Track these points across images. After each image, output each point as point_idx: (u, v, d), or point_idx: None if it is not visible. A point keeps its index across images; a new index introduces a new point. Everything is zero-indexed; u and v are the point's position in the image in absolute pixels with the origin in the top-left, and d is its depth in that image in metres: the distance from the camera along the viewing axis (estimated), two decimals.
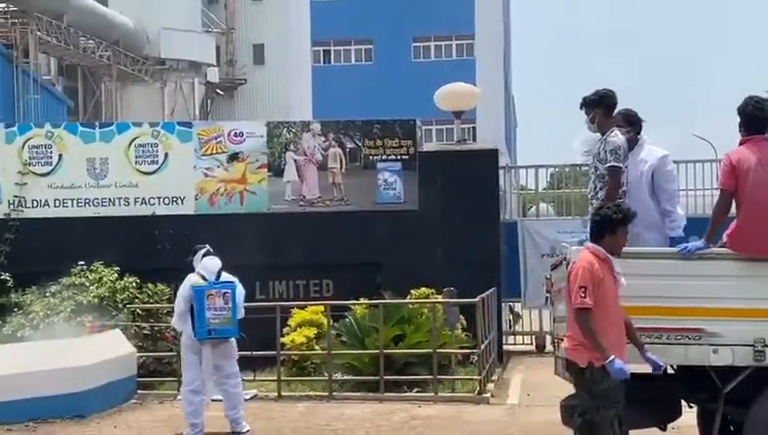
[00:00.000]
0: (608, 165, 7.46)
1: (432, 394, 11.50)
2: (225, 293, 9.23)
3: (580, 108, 7.74)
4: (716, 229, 6.74)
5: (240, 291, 9.49)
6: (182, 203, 14.35)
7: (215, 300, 9.23)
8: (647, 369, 7.12)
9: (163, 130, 14.65)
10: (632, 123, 7.83)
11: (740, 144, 6.82)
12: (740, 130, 6.90)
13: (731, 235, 6.70)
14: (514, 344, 16.30)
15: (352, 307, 12.70)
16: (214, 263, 9.49)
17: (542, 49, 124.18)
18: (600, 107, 7.62)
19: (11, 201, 14.28)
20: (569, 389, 7.28)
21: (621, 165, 7.47)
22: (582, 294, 6.04)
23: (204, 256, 9.55)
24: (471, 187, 14.35)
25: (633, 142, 7.81)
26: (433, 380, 11.62)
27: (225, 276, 9.48)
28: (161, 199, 14.35)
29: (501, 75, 48.62)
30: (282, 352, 12.10)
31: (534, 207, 18.53)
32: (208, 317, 9.22)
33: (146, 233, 14.16)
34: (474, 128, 44.58)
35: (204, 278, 9.37)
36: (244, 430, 9.50)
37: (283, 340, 12.27)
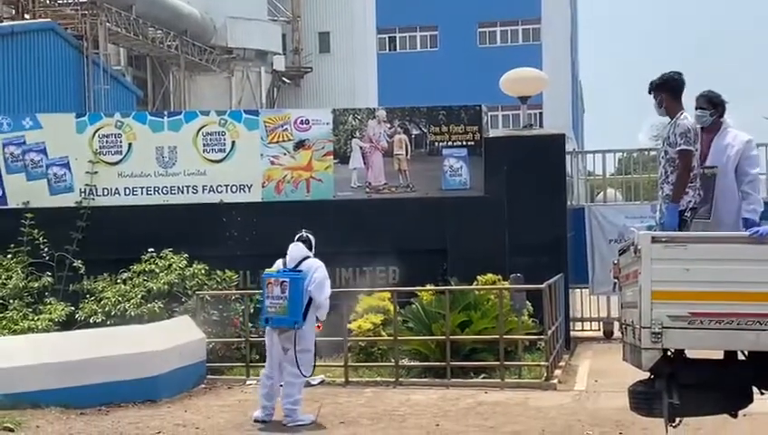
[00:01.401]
0: (678, 148, 7.31)
1: (499, 380, 11.47)
2: (282, 282, 9.22)
3: (648, 92, 7.61)
4: None
5: (315, 280, 9.33)
6: (249, 191, 14.48)
7: (273, 289, 9.27)
8: (717, 355, 7.02)
9: (230, 118, 14.79)
10: (715, 105, 7.64)
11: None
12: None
13: None
14: (582, 330, 16.15)
15: (419, 293, 12.70)
16: (295, 250, 9.54)
17: (609, 33, 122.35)
18: (666, 90, 7.47)
19: (82, 190, 14.57)
20: (637, 375, 7.20)
21: (692, 148, 7.33)
22: None
23: (296, 241, 9.62)
24: (537, 172, 14.23)
25: (717, 126, 7.64)
26: (500, 366, 11.58)
27: (307, 264, 9.42)
28: (229, 187, 14.50)
29: (568, 60, 48.01)
30: (349, 339, 12.16)
31: (602, 192, 18.29)
32: (267, 305, 9.34)
33: (214, 220, 14.34)
34: (540, 113, 44.15)
35: (284, 265, 9.45)
36: (298, 422, 9.45)
37: (350, 326, 12.33)
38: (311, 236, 9.74)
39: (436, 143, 14.53)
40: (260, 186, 14.50)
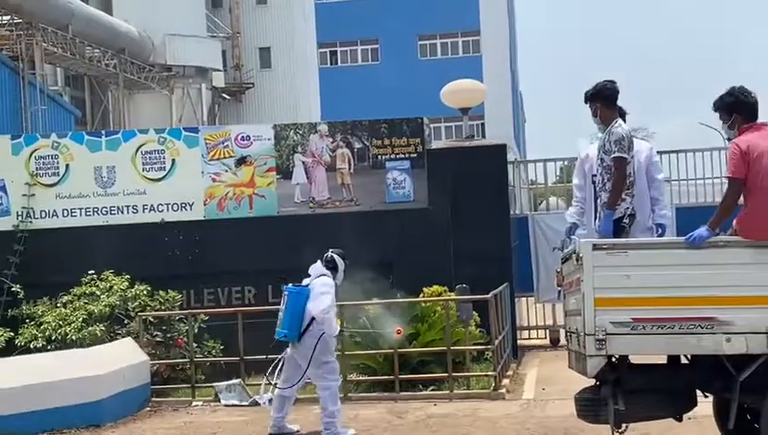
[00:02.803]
0: (613, 156, 7.42)
1: (447, 392, 11.47)
2: (284, 295, 9.36)
3: (584, 102, 7.71)
4: (724, 218, 6.67)
5: (316, 295, 9.27)
6: (191, 209, 14.32)
7: (281, 303, 9.44)
8: (661, 359, 7.08)
9: (169, 136, 14.63)
10: (620, 115, 7.80)
11: (741, 132, 6.76)
12: (725, 121, 6.88)
13: (742, 223, 6.63)
14: (529, 339, 16.23)
15: (365, 307, 12.64)
16: (313, 267, 9.56)
17: (547, 43, 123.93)
18: (600, 100, 7.60)
19: (19, 213, 14.28)
20: (583, 382, 7.24)
21: (627, 155, 7.43)
22: None
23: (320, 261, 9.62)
24: (480, 183, 14.28)
25: None
26: (448, 377, 11.58)
27: (319, 281, 9.40)
28: (170, 206, 14.32)
29: (508, 71, 48.52)
30: None
31: (545, 201, 18.43)
32: (278, 318, 9.49)
33: (155, 240, 14.15)
34: (483, 124, 44.54)
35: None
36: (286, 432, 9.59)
37: None
38: (336, 257, 9.68)
39: (379, 156, 14.52)
40: (202, 204, 14.34)
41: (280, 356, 9.68)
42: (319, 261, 9.64)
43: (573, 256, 7.07)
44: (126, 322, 12.84)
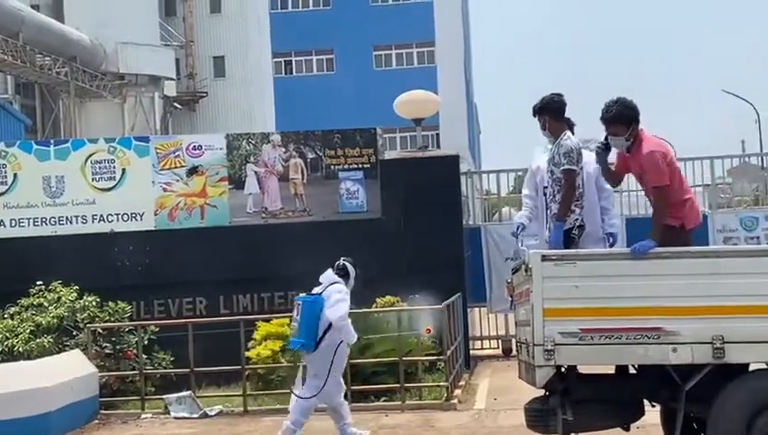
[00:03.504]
0: (563, 168, 7.47)
1: (399, 402, 11.45)
2: (298, 304, 9.34)
3: (533, 115, 7.77)
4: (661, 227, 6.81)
5: (333, 301, 9.19)
6: (141, 219, 14.18)
7: (294, 311, 9.45)
8: (609, 369, 7.13)
9: (120, 145, 14.48)
10: (570, 128, 7.87)
11: (640, 139, 6.94)
12: (621, 133, 7.03)
13: (688, 217, 6.84)
14: (481, 349, 16.28)
15: None
16: (325, 275, 9.51)
17: (502, 55, 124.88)
18: (548, 112, 7.66)
19: None
20: (534, 392, 7.27)
21: (576, 167, 7.49)
22: None
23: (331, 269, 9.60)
24: (433, 193, 14.32)
25: None
26: (400, 388, 11.56)
27: (329, 290, 9.34)
28: (120, 216, 14.17)
29: (462, 82, 48.75)
30: (247, 367, 11.98)
31: (498, 211, 18.51)
32: (290, 327, 9.55)
33: (105, 250, 13.99)
34: (437, 135, 44.65)
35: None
36: None
37: (248, 354, 12.15)
38: (348, 264, 9.66)
39: (332, 166, 14.50)
40: (152, 214, 14.21)
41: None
42: (330, 269, 9.58)
43: (523, 266, 7.11)
44: (74, 333, 12.65)
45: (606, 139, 7.09)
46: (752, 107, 47.41)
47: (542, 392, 7.15)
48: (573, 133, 7.85)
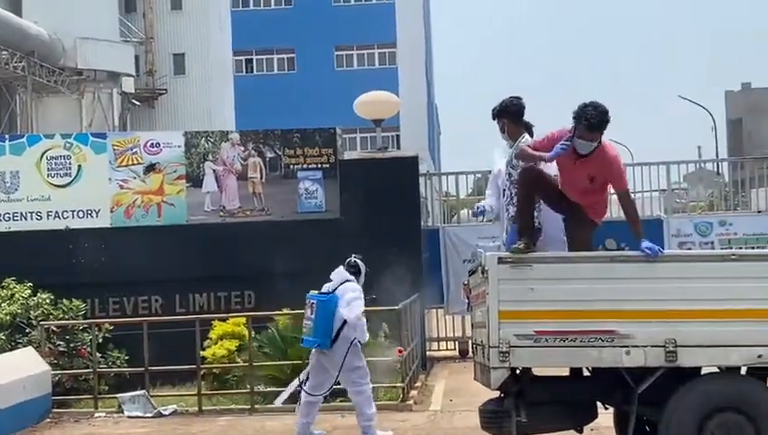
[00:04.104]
0: (519, 171, 7.49)
1: None
2: (312, 303, 9.27)
3: (492, 119, 7.80)
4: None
5: (349, 300, 9.18)
6: (97, 216, 14.04)
7: (307, 310, 9.38)
8: (563, 372, 7.19)
9: (76, 141, 14.33)
10: (528, 130, 7.90)
11: (603, 144, 6.97)
12: (595, 139, 6.91)
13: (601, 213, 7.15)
14: (438, 350, 16.32)
15: (274, 318, 12.56)
16: (336, 273, 9.49)
17: (462, 57, 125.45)
18: (507, 116, 7.68)
19: None
20: (489, 394, 7.30)
21: None
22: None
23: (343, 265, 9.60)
24: (392, 194, 14.32)
25: None
26: None
27: (343, 288, 9.30)
28: (75, 213, 14.02)
29: (423, 83, 48.85)
30: (202, 366, 11.91)
31: (457, 213, 18.58)
32: (303, 326, 9.47)
33: (60, 247, 13.82)
34: (398, 136, 44.68)
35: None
36: None
37: (203, 353, 12.08)
38: (359, 262, 9.65)
39: (292, 166, 14.45)
40: (108, 211, 14.08)
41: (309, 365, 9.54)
42: (341, 266, 9.55)
43: (480, 269, 7.14)
44: (28, 331, 12.50)
45: (568, 141, 6.96)
46: (708, 113, 48.11)
47: (497, 394, 7.18)
48: (532, 136, 7.88)
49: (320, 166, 14.45)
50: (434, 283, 15.70)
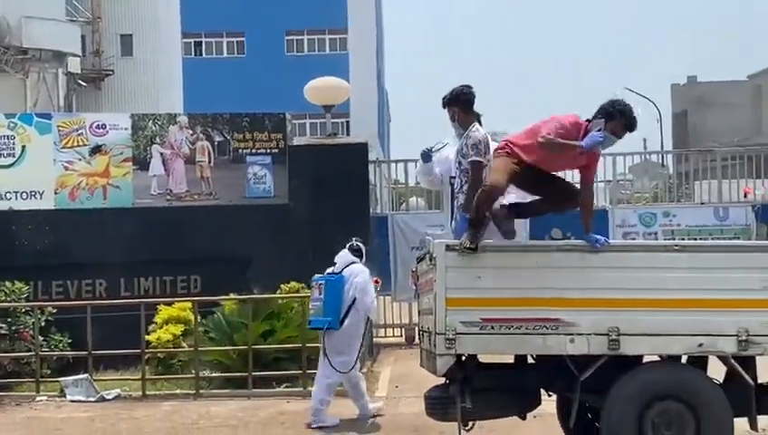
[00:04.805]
0: (470, 159, 7.52)
1: (301, 389, 11.42)
2: (320, 284, 9.53)
3: (443, 107, 7.80)
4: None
5: (357, 285, 9.51)
6: (41, 198, 13.82)
7: (314, 291, 9.69)
8: (507, 359, 7.25)
9: (20, 121, 14.08)
10: (477, 119, 7.92)
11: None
12: (614, 126, 6.81)
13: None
14: (385, 337, 16.37)
15: (221, 303, 12.50)
16: (342, 256, 9.77)
17: (414, 44, 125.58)
18: (458, 104, 7.67)
19: None
20: (434, 380, 7.35)
21: (483, 159, 7.54)
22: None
23: (346, 248, 9.93)
24: (341, 180, 14.29)
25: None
26: (302, 375, 11.54)
27: (350, 270, 9.59)
28: (18, 194, 13.79)
29: (374, 70, 48.83)
30: (147, 350, 11.81)
31: (406, 201, 18.62)
32: (309, 308, 9.85)
33: (2, 229, 13.57)
34: (348, 122, 44.62)
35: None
36: (321, 422, 9.55)
37: (148, 338, 11.99)
38: (361, 245, 9.96)
39: (240, 150, 14.36)
40: (52, 192, 13.86)
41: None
42: (344, 249, 9.84)
43: (428, 256, 7.16)
44: None
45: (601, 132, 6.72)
46: (654, 106, 48.77)
47: (442, 381, 7.22)
48: (481, 125, 7.92)
49: (269, 151, 14.38)
50: (382, 270, 15.71)
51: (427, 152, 7.90)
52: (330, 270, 9.76)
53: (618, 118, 6.72)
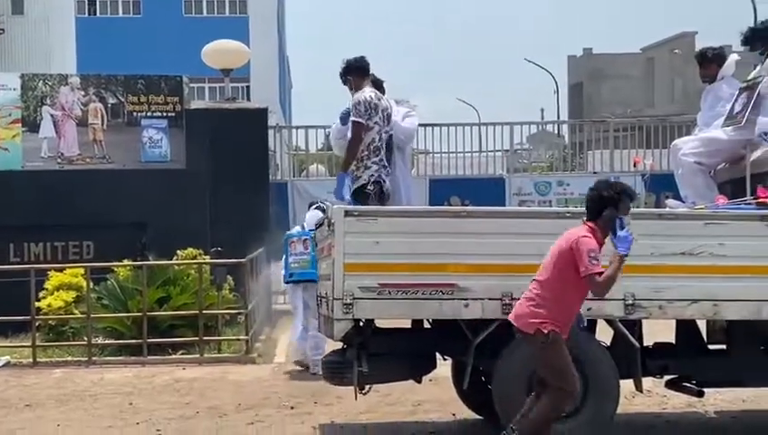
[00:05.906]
0: (350, 120, 7.57)
1: (198, 356, 11.35)
2: (305, 239, 9.69)
3: (343, 83, 7.89)
4: None
5: None
6: None
7: (295, 246, 9.86)
8: (404, 324, 7.32)
9: None
10: (378, 86, 7.98)
11: None
12: (625, 207, 6.23)
13: None
14: (285, 304, 16.28)
15: (115, 269, 12.27)
16: (312, 215, 10.01)
17: (317, 10, 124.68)
18: (352, 73, 7.80)
19: None
20: (332, 345, 7.37)
21: (362, 120, 7.58)
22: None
23: (310, 209, 10.39)
24: (240, 146, 14.16)
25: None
26: (199, 341, 11.45)
27: None
28: None
29: (275, 35, 48.19)
30: (37, 317, 11.53)
31: (307, 168, 18.55)
32: (290, 262, 9.94)
33: None
34: (248, 87, 44.02)
35: (303, 228, 10.06)
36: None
37: (39, 304, 11.69)
38: (326, 206, 9.67)
39: (135, 113, 14.07)
40: None
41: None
42: (313, 208, 10.22)
43: (326, 221, 7.15)
44: None
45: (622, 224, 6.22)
46: (551, 77, 49.61)
47: (340, 345, 7.25)
48: (384, 93, 7.95)
49: (165, 114, 14.13)
50: (281, 236, 15.65)
51: (345, 114, 7.90)
52: (298, 228, 10.19)
53: (624, 199, 6.39)
